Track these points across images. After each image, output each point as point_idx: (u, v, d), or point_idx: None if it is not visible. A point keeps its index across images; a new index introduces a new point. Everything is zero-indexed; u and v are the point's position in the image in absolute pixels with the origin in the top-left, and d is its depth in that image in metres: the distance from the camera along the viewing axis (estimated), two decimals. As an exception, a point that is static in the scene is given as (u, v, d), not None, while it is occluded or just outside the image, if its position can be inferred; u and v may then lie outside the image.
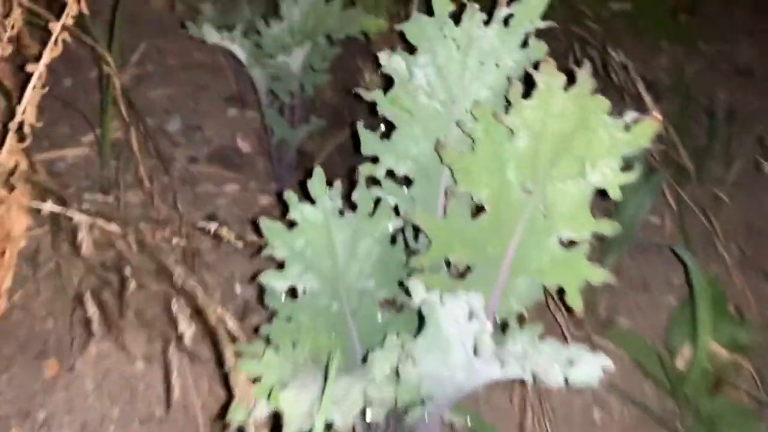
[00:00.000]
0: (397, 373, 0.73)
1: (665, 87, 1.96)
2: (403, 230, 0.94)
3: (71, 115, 1.60)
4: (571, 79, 0.86)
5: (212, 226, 1.06)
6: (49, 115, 1.60)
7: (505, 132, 0.86)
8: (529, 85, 0.88)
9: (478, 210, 0.89)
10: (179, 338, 0.79)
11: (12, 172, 1.02)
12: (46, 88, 1.01)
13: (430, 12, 0.95)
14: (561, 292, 0.85)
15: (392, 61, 0.92)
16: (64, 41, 1.01)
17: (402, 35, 0.96)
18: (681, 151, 1.54)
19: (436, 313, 0.72)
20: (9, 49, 1.05)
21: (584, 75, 0.87)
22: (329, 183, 0.90)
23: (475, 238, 0.86)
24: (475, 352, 0.71)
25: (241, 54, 1.24)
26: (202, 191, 1.55)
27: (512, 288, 0.87)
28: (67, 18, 0.98)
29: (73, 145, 1.56)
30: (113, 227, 1.13)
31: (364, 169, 0.91)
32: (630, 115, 0.85)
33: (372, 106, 0.93)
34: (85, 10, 1.00)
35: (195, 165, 1.60)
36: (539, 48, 0.91)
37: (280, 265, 0.90)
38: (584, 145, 0.85)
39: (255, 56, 1.25)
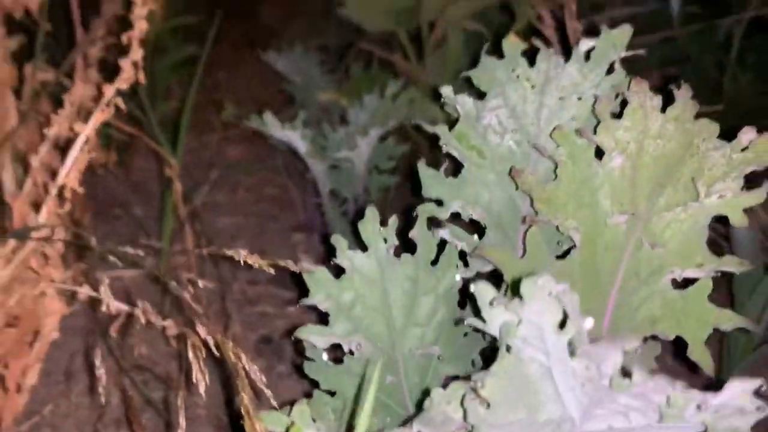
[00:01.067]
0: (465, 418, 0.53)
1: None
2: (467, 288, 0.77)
3: (138, 239, 1.56)
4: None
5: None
6: (115, 240, 1.57)
7: (593, 154, 0.72)
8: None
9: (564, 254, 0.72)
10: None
11: (48, 238, 0.94)
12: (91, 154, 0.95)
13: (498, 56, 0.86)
14: (679, 344, 0.64)
15: (458, 98, 0.82)
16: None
17: (469, 82, 0.87)
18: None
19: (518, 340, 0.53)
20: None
21: (685, 96, 0.74)
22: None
23: (564, 281, 0.68)
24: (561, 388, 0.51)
25: (301, 146, 1.18)
26: (260, 312, 1.43)
27: (616, 346, 0.66)
28: (121, 82, 0.94)
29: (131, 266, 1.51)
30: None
31: (424, 209, 0.77)
32: (746, 135, 0.70)
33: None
34: (142, 80, 0.97)
35: (255, 287, 1.49)
36: (621, 74, 0.79)
37: (323, 320, 0.74)
38: (695, 169, 0.70)
39: (317, 150, 1.19)
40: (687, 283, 0.67)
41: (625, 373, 0.45)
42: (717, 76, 2.09)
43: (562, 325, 0.48)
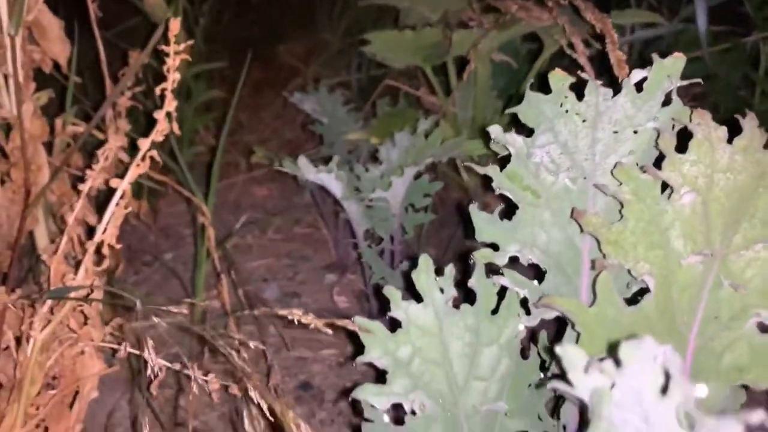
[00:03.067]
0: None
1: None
2: (534, 337, 0.73)
3: (170, 285, 1.54)
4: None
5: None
6: (147, 287, 1.55)
7: (659, 191, 0.68)
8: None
9: (635, 297, 0.68)
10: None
11: (87, 298, 0.91)
12: (128, 209, 0.93)
13: (544, 91, 0.83)
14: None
15: (507, 136, 0.78)
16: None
17: (515, 119, 0.83)
18: None
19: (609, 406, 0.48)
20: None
21: (752, 125, 0.70)
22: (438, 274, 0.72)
23: (639, 328, 0.64)
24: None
25: (336, 188, 1.15)
26: (297, 356, 1.39)
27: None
28: (156, 135, 0.92)
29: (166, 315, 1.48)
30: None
31: (482, 255, 0.73)
32: (825, 162, 0.66)
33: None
34: (176, 130, 0.95)
35: (290, 330, 1.46)
36: (679, 105, 0.75)
37: (381, 378, 0.70)
38: (769, 202, 0.65)
39: (351, 190, 1.15)
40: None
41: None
42: (746, 93, 2.05)
43: (664, 390, 0.44)
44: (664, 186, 0.70)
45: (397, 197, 1.21)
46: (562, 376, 0.50)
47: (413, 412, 0.68)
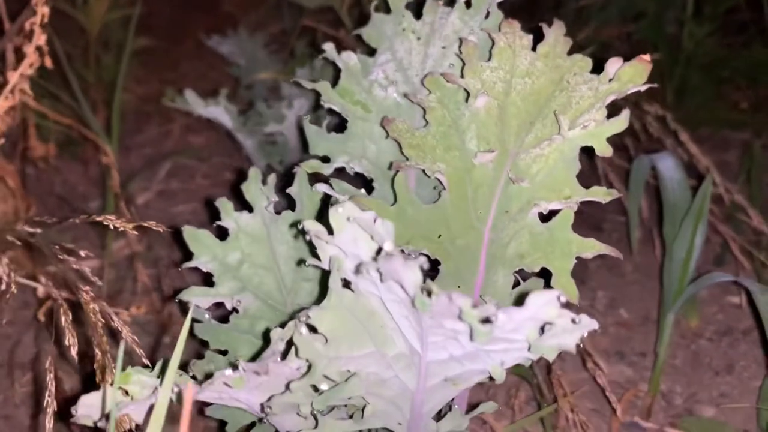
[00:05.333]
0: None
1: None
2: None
3: (88, 232, 1.57)
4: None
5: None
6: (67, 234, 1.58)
7: (462, 97, 0.72)
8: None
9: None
10: None
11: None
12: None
13: (387, 10, 0.86)
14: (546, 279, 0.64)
15: (341, 54, 0.82)
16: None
17: (360, 39, 0.87)
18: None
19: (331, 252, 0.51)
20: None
21: (557, 33, 0.74)
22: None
23: (436, 225, 0.69)
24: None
25: (227, 120, 1.18)
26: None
27: (491, 284, 0.67)
28: (25, 67, 0.95)
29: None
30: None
31: (307, 165, 0.77)
32: (613, 65, 0.70)
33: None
34: (48, 64, 0.98)
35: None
36: (497, 17, 0.78)
37: (207, 281, 0.75)
38: (563, 104, 0.69)
39: (250, 125, 1.19)
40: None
41: (428, 291, 0.45)
42: (675, 31, 2.07)
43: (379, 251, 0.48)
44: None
45: (291, 130, 1.25)
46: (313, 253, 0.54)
47: (235, 310, 0.73)
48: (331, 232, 0.50)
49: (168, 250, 1.45)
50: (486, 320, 0.44)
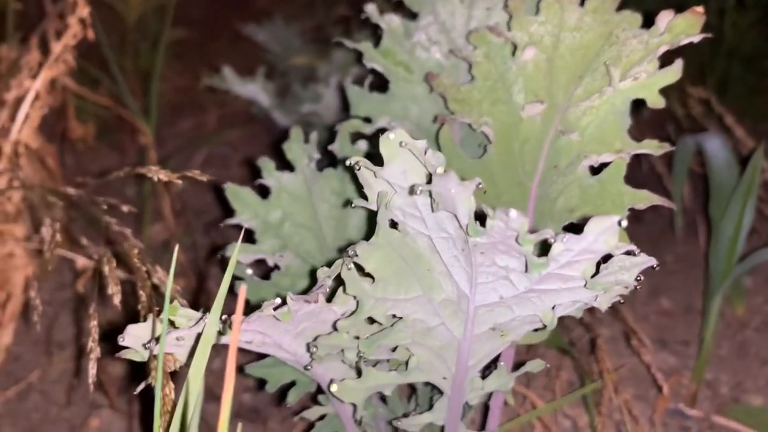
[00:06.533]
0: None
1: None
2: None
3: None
4: None
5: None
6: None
7: (509, 51, 0.70)
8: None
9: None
10: None
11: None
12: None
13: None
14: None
15: (384, 16, 0.81)
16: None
17: (400, 3, 0.86)
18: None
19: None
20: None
21: (606, -12, 0.72)
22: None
23: (484, 181, 0.67)
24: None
25: (264, 98, 1.18)
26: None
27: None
28: (69, 38, 0.96)
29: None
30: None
31: (349, 125, 0.76)
32: (664, 18, 0.68)
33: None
34: (91, 36, 0.99)
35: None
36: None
37: (249, 238, 0.74)
38: (613, 58, 0.68)
39: (280, 104, 1.19)
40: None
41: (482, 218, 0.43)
42: (717, 22, 2.03)
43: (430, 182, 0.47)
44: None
45: (329, 110, 1.24)
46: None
47: (277, 267, 0.72)
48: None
49: (204, 238, 1.46)
50: (543, 249, 0.42)
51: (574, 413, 1.02)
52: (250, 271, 0.73)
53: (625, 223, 0.42)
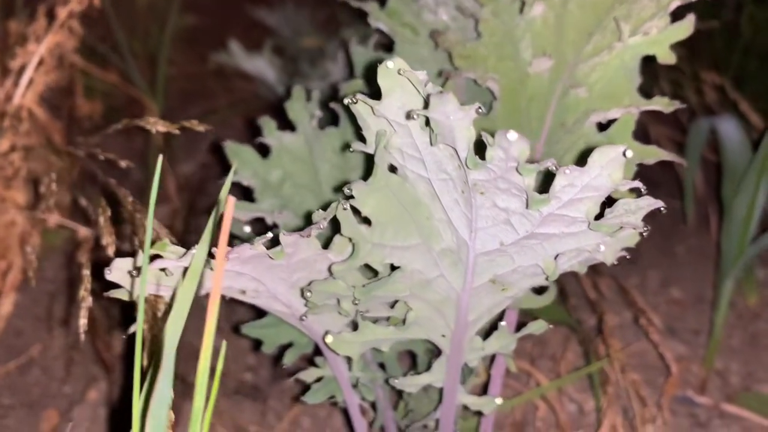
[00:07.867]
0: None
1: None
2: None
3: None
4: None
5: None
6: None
7: (517, 9, 0.68)
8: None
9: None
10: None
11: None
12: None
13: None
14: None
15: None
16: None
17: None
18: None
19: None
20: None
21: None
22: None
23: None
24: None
25: (270, 74, 1.17)
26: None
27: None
28: (75, 3, 0.95)
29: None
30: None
31: (352, 85, 0.74)
32: (677, -28, 0.66)
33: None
34: (97, 2, 0.98)
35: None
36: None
37: (248, 196, 0.73)
38: (623, 15, 0.66)
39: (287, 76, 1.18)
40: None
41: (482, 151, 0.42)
42: (734, 17, 2.00)
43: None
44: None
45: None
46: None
47: (275, 225, 0.70)
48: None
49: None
50: (545, 182, 0.41)
51: (580, 397, 0.99)
52: (248, 229, 0.71)
53: (630, 154, 0.40)
